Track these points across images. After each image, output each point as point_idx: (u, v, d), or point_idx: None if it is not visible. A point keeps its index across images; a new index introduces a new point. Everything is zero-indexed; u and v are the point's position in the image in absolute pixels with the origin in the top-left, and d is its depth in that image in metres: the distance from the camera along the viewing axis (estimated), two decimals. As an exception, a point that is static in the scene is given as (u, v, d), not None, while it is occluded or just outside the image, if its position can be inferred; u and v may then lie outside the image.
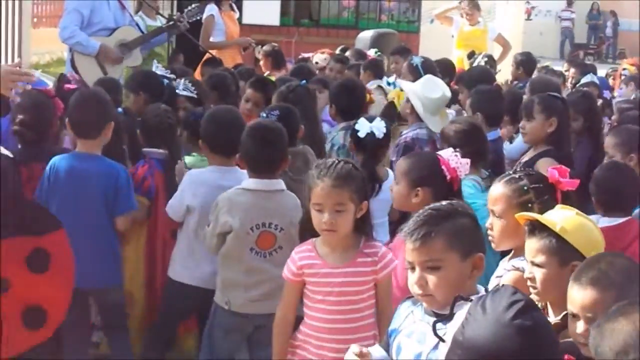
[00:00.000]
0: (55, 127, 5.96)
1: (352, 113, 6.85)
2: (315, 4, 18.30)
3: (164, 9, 12.90)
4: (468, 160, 4.75)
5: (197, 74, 9.70)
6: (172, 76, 7.58)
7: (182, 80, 7.28)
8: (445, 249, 3.28)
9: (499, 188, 4.24)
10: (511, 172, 4.37)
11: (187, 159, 6.06)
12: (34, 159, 5.61)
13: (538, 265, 3.67)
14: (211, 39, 11.10)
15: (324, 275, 4.25)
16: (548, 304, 3.70)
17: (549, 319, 3.56)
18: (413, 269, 3.33)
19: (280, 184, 5.19)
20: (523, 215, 3.83)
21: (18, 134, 5.71)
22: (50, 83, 7.67)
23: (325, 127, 7.65)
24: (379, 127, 5.93)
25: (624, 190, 5.35)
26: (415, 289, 3.33)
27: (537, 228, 3.71)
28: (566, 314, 3.51)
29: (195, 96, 7.06)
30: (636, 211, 5.38)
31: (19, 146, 5.79)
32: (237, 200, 5.07)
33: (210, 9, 11.01)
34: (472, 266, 3.33)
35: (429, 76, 7.46)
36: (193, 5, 10.21)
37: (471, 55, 11.31)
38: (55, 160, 5.46)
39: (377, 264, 4.27)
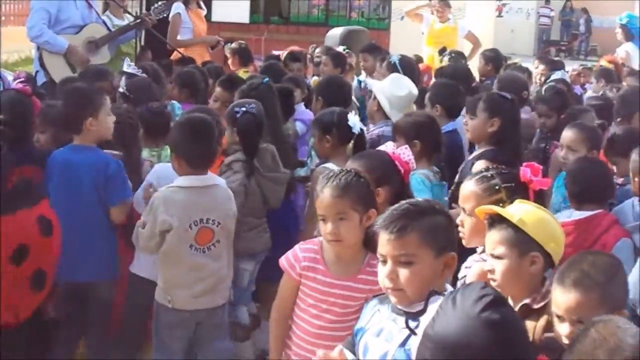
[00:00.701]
0: (35, 126, 5.89)
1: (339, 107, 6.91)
2: (285, 2, 18.26)
3: (132, 7, 12.83)
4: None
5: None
6: (144, 75, 7.55)
7: (123, 78, 7.22)
8: (420, 245, 3.29)
9: (470, 186, 4.25)
10: (483, 170, 4.35)
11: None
12: (24, 162, 5.49)
13: (498, 257, 3.71)
14: (178, 37, 11.03)
15: (323, 284, 4.21)
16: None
17: None
18: (385, 262, 3.34)
19: (213, 178, 5.25)
20: (483, 209, 3.86)
21: (0, 133, 5.60)
22: (10, 79, 7.63)
23: (299, 125, 7.64)
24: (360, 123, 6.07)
25: (596, 183, 5.38)
26: (385, 282, 3.34)
27: (496, 221, 3.74)
28: (523, 305, 3.55)
29: (130, 95, 6.95)
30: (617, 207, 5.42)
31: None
32: (174, 198, 5.09)
33: (177, 7, 10.95)
34: (443, 264, 3.35)
35: (395, 74, 7.52)
36: (160, 3, 10.16)
37: (442, 52, 11.29)
38: (54, 153, 5.48)
39: (377, 285, 4.09)
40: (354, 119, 5.94)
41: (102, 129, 5.54)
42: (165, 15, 10.31)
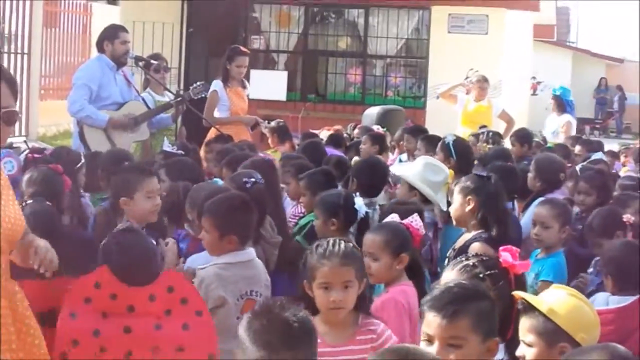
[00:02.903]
0: (63, 204, 5.99)
1: (373, 190, 7.09)
2: (321, 80, 18.42)
3: (170, 84, 12.94)
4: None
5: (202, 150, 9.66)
6: (180, 152, 7.61)
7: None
8: (470, 330, 3.36)
9: (452, 276, 4.06)
10: (464, 259, 4.24)
11: None
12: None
13: (528, 345, 3.69)
14: (215, 114, 10.99)
15: (326, 355, 4.17)
16: None
17: None
18: (430, 341, 3.38)
19: (253, 252, 5.36)
20: (517, 295, 3.83)
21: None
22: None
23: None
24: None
25: (636, 268, 5.29)
26: None
27: (528, 308, 3.72)
28: None
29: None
30: None
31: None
32: (224, 274, 5.18)
33: (215, 84, 10.88)
34: (487, 349, 3.41)
35: (425, 160, 7.43)
36: (198, 83, 10.24)
37: (482, 130, 11.15)
38: None
39: (377, 341, 4.31)
40: (359, 202, 5.96)
41: (135, 209, 5.68)
42: (203, 95, 10.36)
